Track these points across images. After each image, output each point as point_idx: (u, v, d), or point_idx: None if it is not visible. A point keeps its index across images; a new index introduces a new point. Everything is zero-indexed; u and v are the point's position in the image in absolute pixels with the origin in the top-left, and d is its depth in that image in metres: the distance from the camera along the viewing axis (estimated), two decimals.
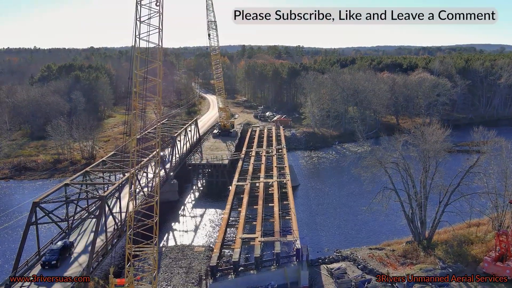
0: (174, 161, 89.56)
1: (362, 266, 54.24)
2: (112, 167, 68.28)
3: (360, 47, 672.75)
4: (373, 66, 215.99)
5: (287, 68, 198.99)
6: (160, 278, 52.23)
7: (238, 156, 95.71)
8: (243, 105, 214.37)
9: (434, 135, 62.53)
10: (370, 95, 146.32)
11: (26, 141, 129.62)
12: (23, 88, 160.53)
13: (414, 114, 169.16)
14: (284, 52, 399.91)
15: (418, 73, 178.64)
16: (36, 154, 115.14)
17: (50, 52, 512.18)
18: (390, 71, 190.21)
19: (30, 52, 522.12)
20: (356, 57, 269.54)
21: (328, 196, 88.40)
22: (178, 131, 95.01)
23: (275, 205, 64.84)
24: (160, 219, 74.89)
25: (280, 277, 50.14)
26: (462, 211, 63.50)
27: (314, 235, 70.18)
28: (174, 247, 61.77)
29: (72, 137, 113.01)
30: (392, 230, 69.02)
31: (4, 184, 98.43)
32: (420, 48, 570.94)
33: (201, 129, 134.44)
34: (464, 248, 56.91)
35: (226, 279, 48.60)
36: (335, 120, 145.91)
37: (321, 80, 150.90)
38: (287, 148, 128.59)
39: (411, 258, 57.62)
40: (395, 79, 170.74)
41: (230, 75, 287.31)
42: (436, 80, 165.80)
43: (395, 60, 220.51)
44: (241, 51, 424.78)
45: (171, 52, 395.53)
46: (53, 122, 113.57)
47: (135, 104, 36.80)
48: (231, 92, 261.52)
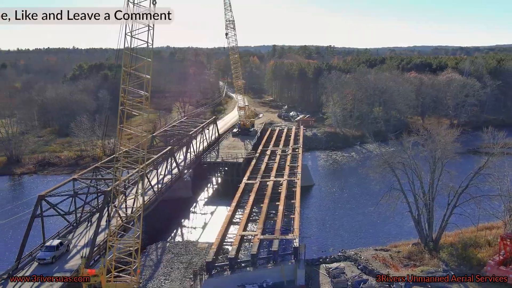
0: (189, 159, 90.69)
1: (362, 266, 53.67)
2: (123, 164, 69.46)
3: (396, 47, 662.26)
4: (402, 66, 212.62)
5: (313, 67, 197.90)
6: (159, 272, 53.16)
7: (253, 155, 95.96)
8: (269, 105, 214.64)
9: (440, 135, 61.29)
10: (395, 95, 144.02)
11: (53, 138, 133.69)
12: (53, 86, 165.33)
13: (442, 115, 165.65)
14: (315, 52, 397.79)
15: (447, 73, 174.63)
16: (61, 151, 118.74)
17: (87, 52, 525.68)
18: (419, 71, 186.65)
19: (68, 52, 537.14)
20: (386, 57, 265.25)
21: (341, 196, 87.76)
22: (195, 129, 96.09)
23: (281, 203, 64.71)
24: (170, 215, 76.66)
25: (277, 275, 50.08)
26: (473, 214, 62.24)
27: (322, 234, 69.93)
28: (178, 243, 62.77)
29: (95, 134, 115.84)
30: (400, 232, 68.05)
31: (28, 178, 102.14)
32: (458, 48, 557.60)
33: (223, 128, 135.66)
34: (470, 251, 55.58)
35: (222, 275, 48.93)
36: (357, 120, 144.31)
37: (344, 80, 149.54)
38: (308, 148, 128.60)
39: (415, 260, 56.73)
40: (423, 79, 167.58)
41: (259, 75, 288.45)
42: (465, 80, 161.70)
43: (424, 60, 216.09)
44: (272, 51, 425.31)
45: (203, 52, 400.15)
46: (77, 119, 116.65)
47: (123, 100, 37.36)
48: (259, 92, 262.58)
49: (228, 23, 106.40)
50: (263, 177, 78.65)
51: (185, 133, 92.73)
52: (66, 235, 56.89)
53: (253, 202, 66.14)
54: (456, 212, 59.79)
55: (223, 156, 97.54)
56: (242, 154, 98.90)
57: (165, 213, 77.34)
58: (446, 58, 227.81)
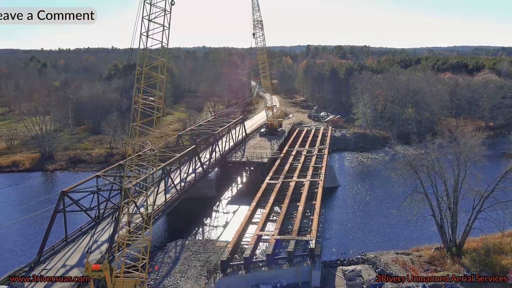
0: (214, 158, 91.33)
1: (380, 270, 52.73)
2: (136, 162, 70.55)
3: (435, 47, 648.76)
4: (437, 66, 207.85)
5: (344, 67, 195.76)
6: (176, 270, 53.72)
7: (278, 155, 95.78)
8: (300, 105, 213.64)
9: (465, 137, 59.68)
10: (427, 96, 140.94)
11: (86, 136, 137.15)
12: (88, 85, 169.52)
13: (477, 117, 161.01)
14: (349, 52, 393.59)
15: (484, 73, 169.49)
16: (92, 148, 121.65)
17: (125, 52, 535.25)
18: (454, 72, 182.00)
19: (106, 51, 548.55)
20: (422, 57, 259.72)
21: (366, 198, 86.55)
22: (220, 129, 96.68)
23: (301, 204, 64.41)
24: (193, 213, 77.37)
25: (292, 275, 49.85)
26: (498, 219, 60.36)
27: (343, 236, 69.15)
28: (197, 241, 63.22)
29: (125, 132, 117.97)
30: (423, 235, 66.55)
31: (59, 174, 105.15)
32: (500, 48, 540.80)
33: (252, 127, 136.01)
34: (493, 257, 53.79)
35: (237, 274, 49.09)
36: (388, 121, 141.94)
37: (375, 80, 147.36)
38: (336, 149, 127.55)
39: (436, 265, 55.36)
40: (458, 80, 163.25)
41: (291, 75, 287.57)
42: (502, 81, 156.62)
43: (461, 61, 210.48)
44: (306, 51, 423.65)
45: (237, 52, 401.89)
46: (107, 117, 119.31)
47: (137, 99, 37.96)
48: (291, 92, 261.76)
49: (256, 23, 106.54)
50: (285, 177, 78.43)
51: (211, 132, 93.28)
52: (88, 230, 58.36)
53: (273, 202, 66.07)
54: (482, 217, 58.05)
55: (248, 156, 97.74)
56: (267, 154, 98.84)
57: (187, 211, 78.18)
58: (484, 59, 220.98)
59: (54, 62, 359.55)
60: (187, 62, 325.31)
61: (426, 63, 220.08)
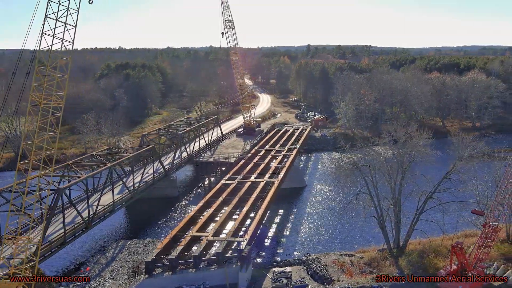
0: (180, 158, 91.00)
1: (312, 271, 52.01)
2: (94, 161, 70.58)
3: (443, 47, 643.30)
4: (429, 66, 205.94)
5: (334, 67, 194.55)
6: (107, 271, 53.43)
7: (245, 155, 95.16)
8: (291, 105, 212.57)
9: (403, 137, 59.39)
10: (410, 96, 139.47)
11: (66, 135, 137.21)
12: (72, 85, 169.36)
13: (464, 117, 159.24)
14: (349, 52, 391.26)
15: (473, 73, 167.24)
16: (69, 148, 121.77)
17: (130, 52, 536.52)
18: (446, 72, 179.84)
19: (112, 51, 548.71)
20: (417, 57, 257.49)
21: (328, 199, 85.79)
22: (188, 128, 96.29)
23: (247, 205, 63.90)
24: (150, 213, 77.02)
25: (220, 277, 49.24)
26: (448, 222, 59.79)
27: (294, 237, 68.38)
28: (139, 242, 62.71)
29: (100, 132, 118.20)
30: (374, 237, 65.50)
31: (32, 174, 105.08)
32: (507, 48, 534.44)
33: (233, 127, 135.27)
34: (427, 259, 52.92)
35: (162, 276, 48.60)
36: (370, 121, 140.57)
37: (358, 80, 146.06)
38: (314, 149, 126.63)
39: (374, 267, 54.65)
40: (445, 80, 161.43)
41: (288, 75, 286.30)
42: (488, 81, 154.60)
43: (452, 60, 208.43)
44: (306, 51, 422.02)
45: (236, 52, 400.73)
46: (82, 117, 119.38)
47: (33, 98, 37.52)
48: (285, 92, 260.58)
49: (226, 22, 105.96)
50: (243, 178, 77.86)
51: (176, 132, 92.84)
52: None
53: (220, 203, 65.53)
54: (427, 218, 57.41)
55: (215, 156, 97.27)
56: (234, 154, 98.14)
57: (145, 211, 78.01)
58: (475, 58, 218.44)
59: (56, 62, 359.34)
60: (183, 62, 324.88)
61: (420, 63, 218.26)
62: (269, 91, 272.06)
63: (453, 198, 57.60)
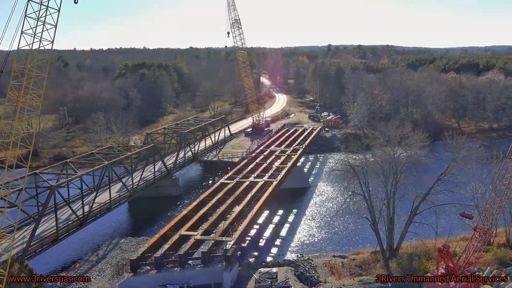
0: (183, 157, 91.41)
1: (299, 273, 51.49)
2: (93, 160, 71.33)
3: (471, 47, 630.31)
4: (448, 66, 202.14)
5: (348, 67, 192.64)
6: (96, 268, 53.84)
7: (249, 155, 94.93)
8: (307, 105, 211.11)
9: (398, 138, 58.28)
10: (423, 97, 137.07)
11: (79, 134, 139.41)
12: (89, 84, 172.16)
13: (481, 118, 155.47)
14: (370, 52, 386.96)
15: (492, 74, 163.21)
16: (80, 146, 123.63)
17: (153, 52, 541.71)
18: (466, 72, 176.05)
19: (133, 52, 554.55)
20: (437, 57, 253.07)
21: (330, 199, 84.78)
22: (192, 128, 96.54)
23: (241, 204, 63.76)
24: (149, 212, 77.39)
25: (206, 276, 49.26)
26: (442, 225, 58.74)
27: (289, 238, 67.83)
28: (132, 240, 63.06)
29: (111, 130, 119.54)
30: (371, 238, 64.41)
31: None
32: None
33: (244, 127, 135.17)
34: (416, 262, 51.83)
35: (147, 274, 48.79)
36: (381, 122, 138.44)
37: (369, 80, 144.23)
38: (323, 150, 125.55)
39: (365, 269, 53.91)
40: (462, 80, 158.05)
41: (305, 75, 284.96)
42: (506, 81, 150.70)
43: (472, 60, 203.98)
44: (326, 51, 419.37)
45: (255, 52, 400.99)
46: (92, 115, 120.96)
47: (11, 97, 38.07)
48: (303, 92, 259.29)
49: (233, 22, 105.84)
50: (243, 177, 77.74)
51: (179, 131, 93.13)
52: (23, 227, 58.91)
53: (215, 202, 65.53)
54: (421, 221, 56.34)
55: (219, 156, 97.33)
56: (242, 154, 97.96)
57: (145, 210, 78.57)
58: (496, 58, 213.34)
59: (81, 62, 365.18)
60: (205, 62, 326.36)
61: (439, 63, 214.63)
62: (287, 91, 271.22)
63: (450, 200, 56.39)
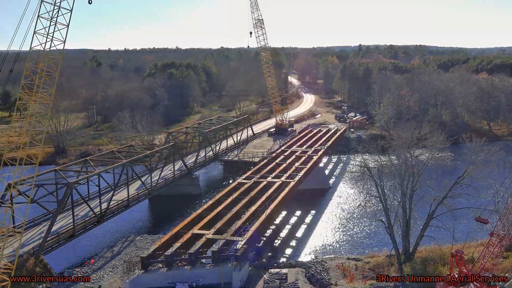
0: (204, 156, 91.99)
1: (310, 275, 51.00)
2: (113, 158, 72.49)
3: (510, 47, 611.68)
4: (481, 67, 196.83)
5: (377, 67, 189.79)
6: (110, 264, 54.72)
7: (269, 155, 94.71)
8: (334, 105, 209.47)
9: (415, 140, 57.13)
10: (451, 98, 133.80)
11: (107, 132, 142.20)
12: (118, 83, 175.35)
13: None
14: (402, 52, 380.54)
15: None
16: (107, 144, 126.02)
17: (186, 52, 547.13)
18: (499, 72, 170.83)
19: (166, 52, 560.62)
20: (470, 57, 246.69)
21: (348, 201, 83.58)
22: (213, 127, 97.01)
23: (256, 204, 63.65)
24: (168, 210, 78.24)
25: (215, 276, 49.37)
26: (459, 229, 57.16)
27: (304, 239, 67.41)
28: (148, 237, 63.81)
29: (136, 129, 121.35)
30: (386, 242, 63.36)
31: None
32: None
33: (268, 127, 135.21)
34: (434, 267, 50.60)
35: (157, 271, 49.27)
36: (408, 123, 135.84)
37: (396, 80, 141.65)
38: (347, 150, 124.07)
39: (378, 273, 52.84)
40: (494, 81, 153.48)
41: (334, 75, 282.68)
42: None
43: (506, 61, 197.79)
44: (357, 51, 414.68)
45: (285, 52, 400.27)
46: (118, 114, 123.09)
47: (21, 95, 39.01)
48: (331, 92, 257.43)
49: (256, 22, 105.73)
50: (260, 177, 77.53)
51: (201, 130, 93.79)
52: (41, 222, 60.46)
53: (230, 201, 65.59)
54: (439, 225, 55.13)
55: (240, 155, 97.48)
56: (263, 154, 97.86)
57: (164, 208, 79.46)
58: None
59: (114, 62, 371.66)
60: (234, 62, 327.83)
61: (472, 63, 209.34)
62: (315, 91, 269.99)
63: (469, 204, 54.89)
